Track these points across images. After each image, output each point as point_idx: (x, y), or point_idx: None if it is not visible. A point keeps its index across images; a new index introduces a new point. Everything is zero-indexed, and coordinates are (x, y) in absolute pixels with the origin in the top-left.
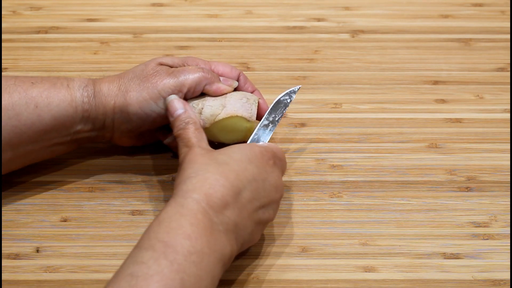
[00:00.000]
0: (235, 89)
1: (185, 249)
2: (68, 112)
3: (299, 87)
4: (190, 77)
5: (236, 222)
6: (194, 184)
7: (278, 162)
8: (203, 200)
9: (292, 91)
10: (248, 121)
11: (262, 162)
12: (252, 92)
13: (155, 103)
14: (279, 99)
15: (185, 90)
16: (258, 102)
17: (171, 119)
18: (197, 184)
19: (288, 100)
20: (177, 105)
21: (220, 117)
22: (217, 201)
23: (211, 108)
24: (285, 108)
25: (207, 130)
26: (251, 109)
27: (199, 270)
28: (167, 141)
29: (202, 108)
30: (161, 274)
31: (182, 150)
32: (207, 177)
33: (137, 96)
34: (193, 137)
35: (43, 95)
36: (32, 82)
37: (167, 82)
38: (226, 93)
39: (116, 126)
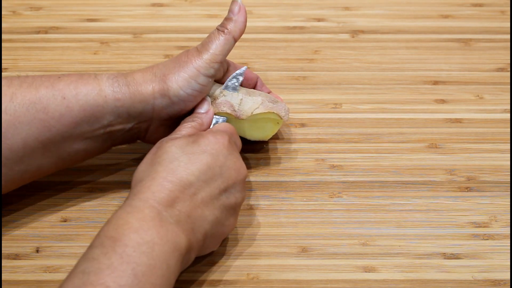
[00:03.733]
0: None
1: (134, 241)
2: (98, 102)
3: (245, 68)
4: (217, 43)
5: (189, 214)
6: (142, 186)
7: (234, 143)
8: (150, 197)
9: (238, 74)
10: (279, 120)
11: (217, 149)
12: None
13: (195, 81)
14: (227, 84)
15: (219, 58)
16: None
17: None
18: (145, 185)
19: (236, 83)
20: (204, 105)
21: (258, 111)
22: (165, 196)
23: (251, 102)
24: (236, 89)
25: (239, 122)
26: (283, 109)
27: (151, 259)
28: None
29: (241, 99)
30: (111, 267)
31: (168, 137)
32: (154, 176)
33: (176, 78)
34: (186, 129)
35: (70, 86)
36: (58, 77)
37: (201, 57)
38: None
39: (156, 112)
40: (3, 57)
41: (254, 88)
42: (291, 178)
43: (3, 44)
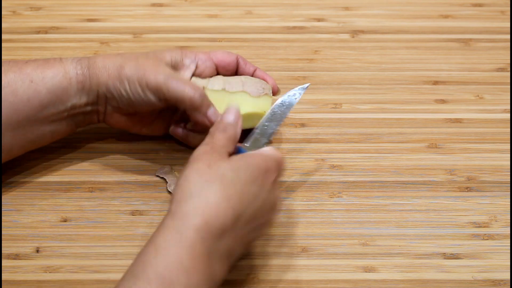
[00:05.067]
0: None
1: (182, 285)
2: (63, 84)
3: (308, 85)
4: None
5: (231, 247)
6: (194, 206)
7: (279, 175)
8: (202, 229)
9: (301, 88)
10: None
11: (264, 180)
12: (254, 71)
13: (140, 87)
14: (285, 97)
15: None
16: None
17: (219, 117)
18: (198, 207)
19: (294, 98)
20: (234, 112)
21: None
22: (216, 230)
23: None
24: (290, 107)
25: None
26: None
27: None
28: (158, 173)
29: (227, 83)
30: None
31: (202, 146)
32: (210, 200)
33: (129, 73)
34: (222, 141)
35: (37, 70)
36: (25, 62)
37: (167, 51)
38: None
39: (109, 98)
40: (3, 57)
41: (236, 71)
42: (291, 178)
43: (3, 44)
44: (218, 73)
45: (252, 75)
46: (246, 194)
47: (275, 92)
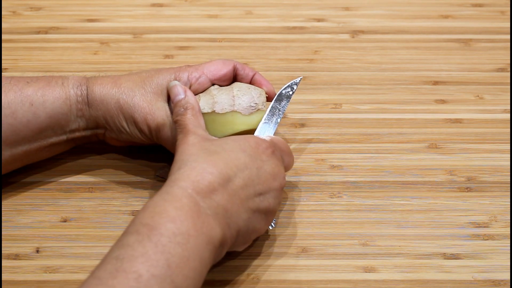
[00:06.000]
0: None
1: (170, 231)
2: (63, 109)
3: (301, 78)
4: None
5: (226, 208)
6: (181, 174)
7: (278, 151)
8: (189, 186)
9: (293, 83)
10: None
11: (256, 152)
12: (252, 76)
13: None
14: (281, 92)
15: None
16: (266, 92)
17: (172, 105)
18: (185, 173)
19: (290, 92)
20: (178, 90)
21: (225, 111)
22: (204, 187)
23: (220, 104)
24: (288, 101)
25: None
26: (257, 106)
27: (185, 251)
28: (158, 173)
29: (216, 102)
30: (145, 255)
31: (178, 136)
32: (194, 166)
33: (129, 112)
34: (189, 123)
35: (38, 93)
36: (27, 81)
37: (162, 74)
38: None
39: (107, 130)
40: (3, 57)
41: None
42: (291, 178)
43: (3, 44)
44: (214, 84)
45: (251, 80)
46: (233, 160)
47: (271, 99)
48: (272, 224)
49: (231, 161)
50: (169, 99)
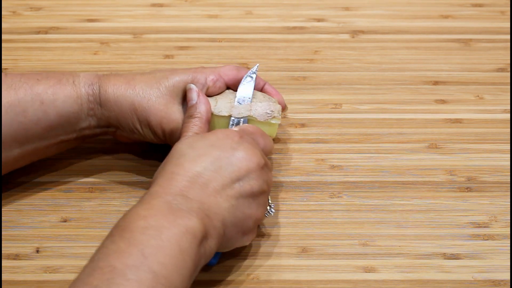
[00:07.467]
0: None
1: (140, 227)
2: (74, 108)
3: (258, 66)
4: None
5: (202, 201)
6: (153, 184)
7: (248, 135)
8: (158, 191)
9: (251, 72)
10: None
11: (225, 142)
12: (263, 86)
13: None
14: (242, 82)
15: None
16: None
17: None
18: (155, 182)
19: (251, 82)
20: (193, 96)
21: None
22: (173, 187)
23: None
24: (252, 88)
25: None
26: (273, 115)
27: (159, 241)
28: None
29: (233, 107)
30: (118, 250)
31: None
32: (162, 174)
33: (144, 115)
34: (189, 131)
35: (48, 91)
36: (37, 79)
37: (178, 75)
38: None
39: (119, 129)
40: (3, 57)
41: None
42: (291, 178)
43: (3, 44)
44: (228, 87)
45: (261, 90)
46: (201, 156)
47: (282, 110)
48: (271, 210)
49: (198, 157)
50: (184, 100)
